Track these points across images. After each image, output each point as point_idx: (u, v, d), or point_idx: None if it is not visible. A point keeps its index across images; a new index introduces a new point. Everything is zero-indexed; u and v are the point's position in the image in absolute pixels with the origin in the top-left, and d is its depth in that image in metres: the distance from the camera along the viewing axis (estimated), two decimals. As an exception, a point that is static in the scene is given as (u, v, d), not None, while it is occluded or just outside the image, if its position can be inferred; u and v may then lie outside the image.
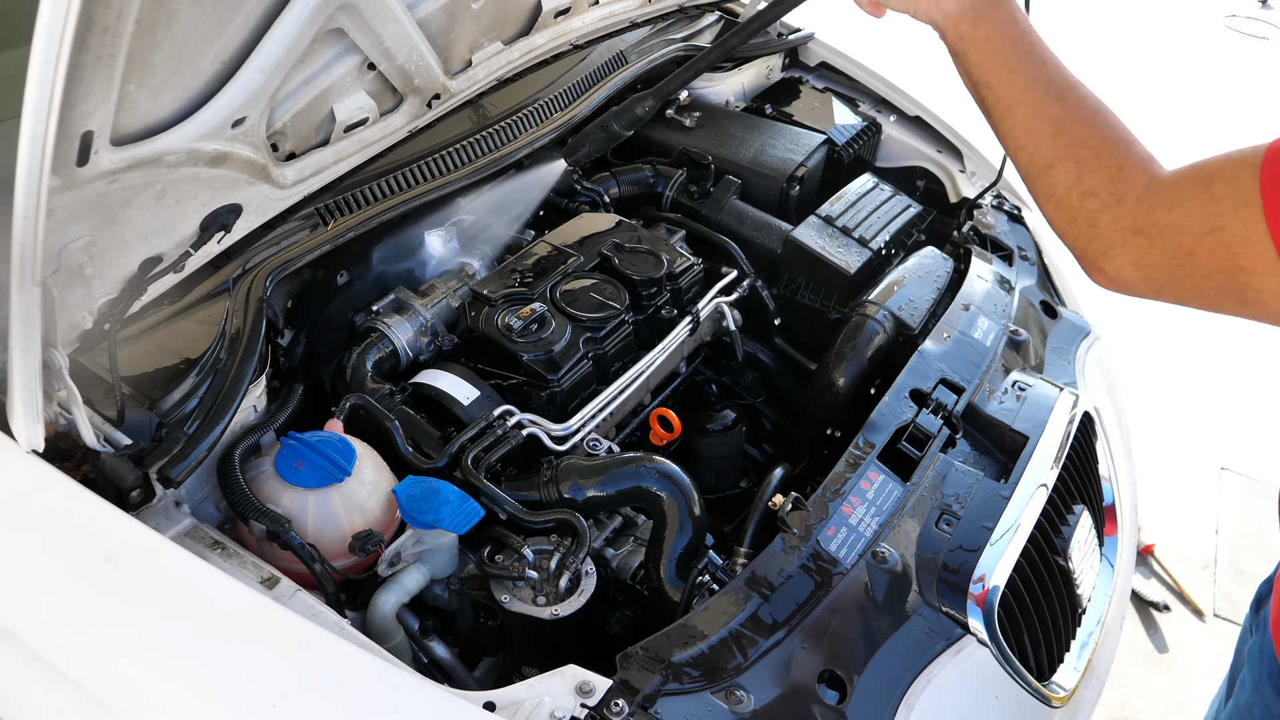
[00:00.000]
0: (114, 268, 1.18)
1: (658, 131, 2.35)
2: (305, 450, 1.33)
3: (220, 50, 1.13)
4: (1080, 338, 1.95)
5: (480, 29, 1.66)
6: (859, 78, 2.61)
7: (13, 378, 1.04)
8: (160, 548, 1.13)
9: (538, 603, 1.28)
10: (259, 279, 1.48)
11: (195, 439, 1.26)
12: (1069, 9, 7.24)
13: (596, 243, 1.85)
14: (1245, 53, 7.24)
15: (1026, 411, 1.59)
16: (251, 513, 1.25)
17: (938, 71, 1.33)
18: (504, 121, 1.98)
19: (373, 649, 1.09)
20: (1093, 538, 1.59)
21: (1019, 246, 2.13)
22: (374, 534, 1.30)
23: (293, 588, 1.17)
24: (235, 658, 1.03)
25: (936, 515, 1.41)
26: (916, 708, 1.20)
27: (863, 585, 1.30)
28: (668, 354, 1.75)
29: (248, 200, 1.35)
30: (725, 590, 1.25)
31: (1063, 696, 1.38)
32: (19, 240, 0.94)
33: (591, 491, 1.43)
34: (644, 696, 1.06)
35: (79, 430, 1.15)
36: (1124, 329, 3.80)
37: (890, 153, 2.52)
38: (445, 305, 1.77)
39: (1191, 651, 2.63)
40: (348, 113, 1.46)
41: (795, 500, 1.35)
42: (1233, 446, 3.38)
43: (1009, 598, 1.35)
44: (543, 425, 1.52)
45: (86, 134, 0.95)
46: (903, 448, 1.50)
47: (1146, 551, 2.85)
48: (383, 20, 1.37)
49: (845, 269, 1.96)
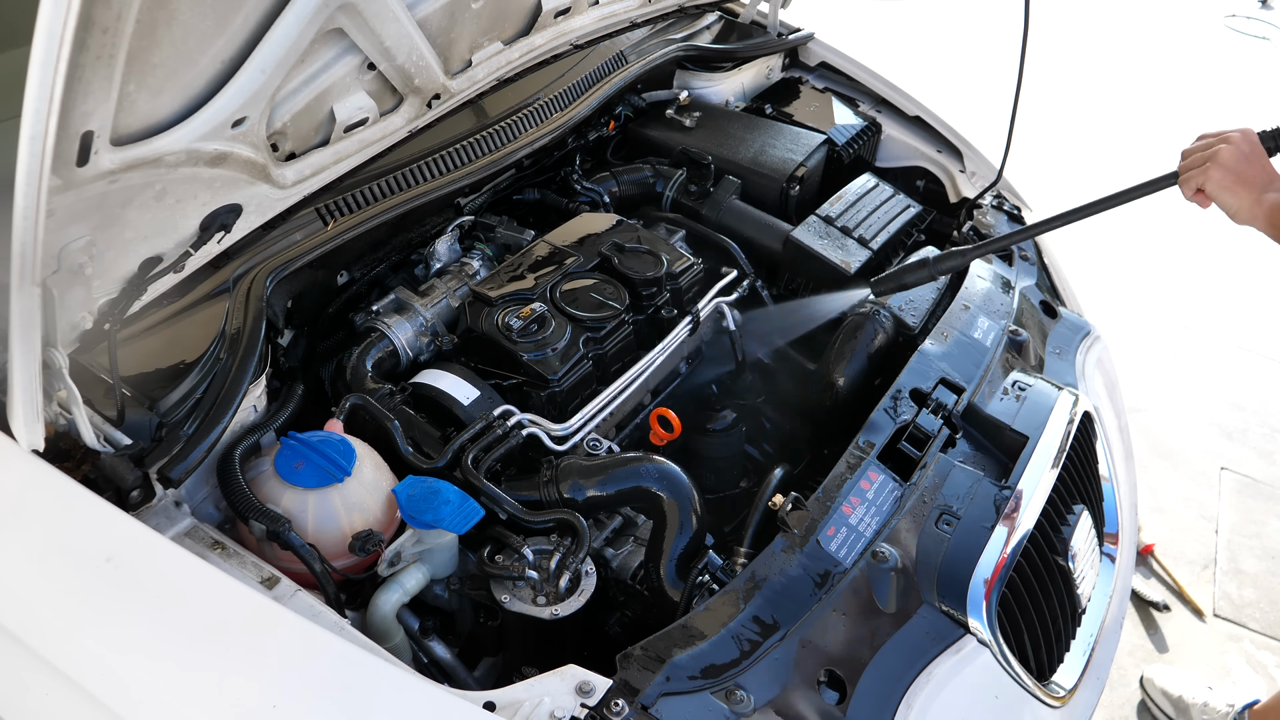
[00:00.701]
0: (114, 268, 1.18)
1: (658, 131, 2.35)
2: (305, 450, 1.33)
3: (220, 50, 1.13)
4: (1080, 338, 1.95)
5: (480, 29, 1.66)
6: (859, 78, 2.61)
7: (13, 378, 1.04)
8: (160, 548, 1.13)
9: (538, 603, 1.28)
10: (259, 279, 1.48)
11: (195, 439, 1.26)
12: (1069, 9, 7.24)
13: (596, 243, 1.85)
14: (1245, 53, 7.24)
15: (1026, 411, 1.59)
16: (251, 513, 1.25)
17: (938, 72, 1.33)
18: (504, 121, 1.98)
19: (373, 649, 1.09)
20: (1093, 538, 1.59)
21: (1019, 246, 2.13)
22: (374, 534, 1.30)
23: (293, 588, 1.17)
24: (235, 658, 1.03)
25: (936, 515, 1.41)
26: (916, 708, 1.20)
27: (863, 585, 1.30)
28: (668, 354, 1.75)
29: (248, 200, 1.35)
30: (725, 590, 1.25)
31: (1063, 696, 1.38)
32: (19, 240, 0.94)
33: (591, 491, 1.43)
34: (644, 696, 1.06)
35: (79, 430, 1.15)
36: (1124, 329, 3.81)
37: (890, 153, 2.52)
38: (445, 305, 1.77)
39: (1191, 651, 2.63)
40: (348, 113, 1.46)
41: (795, 500, 1.35)
42: (1233, 446, 3.38)
43: (1009, 598, 1.35)
44: (543, 425, 1.52)
45: (86, 134, 0.95)
46: (903, 448, 1.50)
47: (1146, 551, 2.85)
48: (383, 20, 1.37)
49: (845, 269, 1.96)
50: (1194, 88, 6.46)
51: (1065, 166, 4.99)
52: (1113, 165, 5.19)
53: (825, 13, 2.43)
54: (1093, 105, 6.02)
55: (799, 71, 2.73)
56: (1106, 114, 5.92)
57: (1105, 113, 5.94)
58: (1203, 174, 1.30)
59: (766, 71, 2.72)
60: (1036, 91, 3.40)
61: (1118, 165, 5.20)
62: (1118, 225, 4.52)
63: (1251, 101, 6.35)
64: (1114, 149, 5.43)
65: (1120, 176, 1.66)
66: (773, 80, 2.74)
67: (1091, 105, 6.01)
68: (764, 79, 2.73)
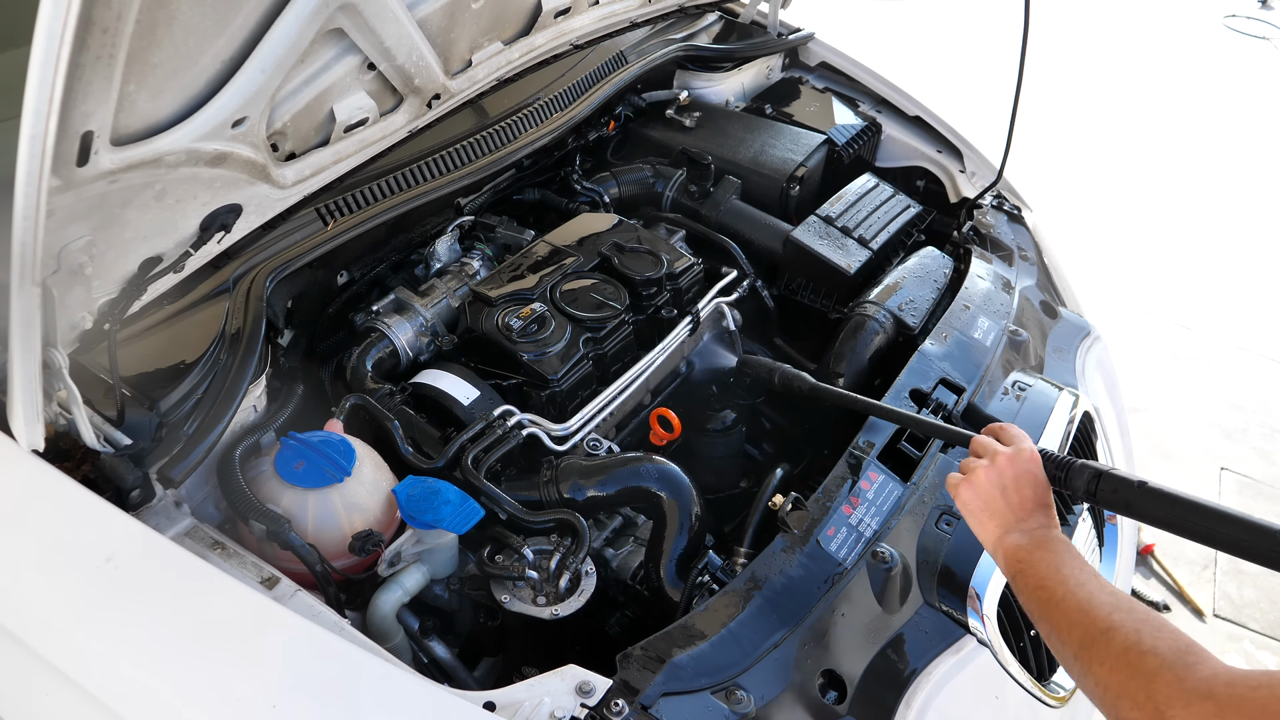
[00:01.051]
0: (114, 268, 1.18)
1: (658, 131, 2.35)
2: (305, 450, 1.33)
3: (220, 50, 1.13)
4: (1080, 338, 1.95)
5: (480, 29, 1.66)
6: (859, 78, 2.61)
7: (13, 378, 1.04)
8: (160, 547, 1.13)
9: (538, 603, 1.28)
10: (259, 279, 1.48)
11: (195, 439, 1.26)
12: (1069, 9, 7.24)
13: (596, 243, 1.85)
14: (1245, 53, 7.24)
15: (1026, 411, 1.59)
16: (251, 513, 1.25)
17: (938, 72, 1.33)
18: (504, 121, 1.98)
19: (373, 649, 1.09)
20: (1093, 538, 1.59)
21: (1019, 246, 2.13)
22: (374, 534, 1.30)
23: (293, 588, 1.17)
24: (235, 658, 1.03)
25: (936, 515, 1.41)
26: (916, 708, 1.20)
27: (863, 585, 1.30)
28: (668, 354, 1.75)
29: (248, 200, 1.35)
30: (725, 590, 1.25)
31: (1062, 696, 1.38)
32: (19, 240, 0.94)
33: (591, 491, 1.43)
34: (644, 696, 1.06)
35: (79, 430, 1.15)
36: (1124, 329, 3.81)
37: (890, 153, 2.52)
38: (445, 305, 1.77)
39: (1191, 651, 2.63)
40: (348, 113, 1.46)
41: (795, 500, 1.35)
42: (1233, 446, 3.38)
43: (1009, 598, 1.35)
44: (543, 425, 1.52)
45: (86, 134, 0.95)
46: (903, 448, 1.50)
47: (1146, 551, 2.85)
48: (383, 20, 1.37)
49: (845, 269, 1.96)
50: (1194, 88, 6.46)
51: (1065, 166, 5.00)
52: (1113, 165, 5.19)
53: (825, 13, 2.43)
54: (1093, 105, 6.02)
55: (799, 71, 2.73)
56: (1107, 114, 5.92)
57: (1105, 113, 5.94)
58: (955, 488, 1.15)
59: (766, 71, 2.72)
60: (1036, 91, 3.40)
61: (1118, 165, 5.20)
62: (1118, 225, 4.53)
63: (1251, 101, 6.35)
64: (1114, 149, 5.43)
65: (1120, 176, 1.66)
66: (773, 80, 2.74)
67: (1091, 105, 6.02)
68: (764, 79, 2.73)
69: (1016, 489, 1.10)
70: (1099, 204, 4.72)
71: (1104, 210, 4.65)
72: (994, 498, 1.10)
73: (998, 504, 1.09)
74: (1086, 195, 4.78)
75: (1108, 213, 4.61)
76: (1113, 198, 4.83)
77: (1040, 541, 1.04)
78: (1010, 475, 1.10)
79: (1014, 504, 1.09)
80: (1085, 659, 0.89)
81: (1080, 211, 4.52)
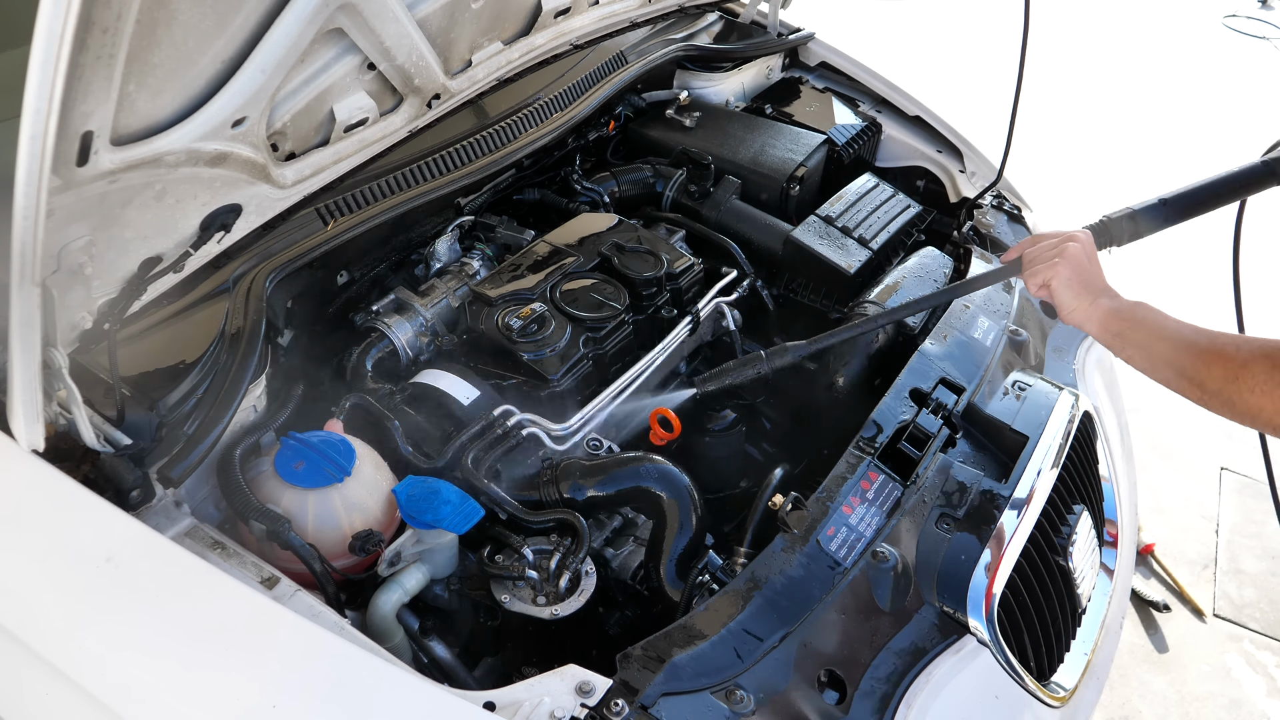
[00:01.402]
0: (114, 268, 1.18)
1: (658, 131, 2.35)
2: (305, 450, 1.33)
3: (220, 50, 1.13)
4: (1080, 338, 1.95)
5: (480, 29, 1.66)
6: (859, 78, 2.61)
7: (13, 378, 1.04)
8: (160, 547, 1.13)
9: (538, 603, 1.28)
10: (259, 279, 1.48)
11: (195, 439, 1.26)
12: (1069, 9, 7.24)
13: (596, 243, 1.85)
14: (1245, 53, 7.24)
15: (1026, 411, 1.59)
16: (251, 513, 1.25)
17: (938, 72, 1.33)
18: (504, 121, 1.98)
19: (373, 649, 1.09)
20: (1093, 538, 1.59)
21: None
22: (374, 534, 1.30)
23: (293, 588, 1.17)
24: (235, 658, 1.03)
25: (936, 515, 1.41)
26: (916, 708, 1.20)
27: (863, 585, 1.30)
28: (668, 354, 1.75)
29: (248, 200, 1.35)
30: (725, 590, 1.25)
31: (1063, 696, 1.38)
32: (19, 240, 0.94)
33: (591, 491, 1.43)
34: (644, 696, 1.06)
35: (79, 430, 1.15)
36: (1124, 329, 3.80)
37: (890, 153, 2.52)
38: (445, 305, 1.77)
39: (1191, 651, 2.63)
40: (348, 113, 1.46)
41: (795, 500, 1.35)
42: (1233, 446, 3.37)
43: (1009, 598, 1.35)
44: (543, 425, 1.52)
45: (86, 134, 0.95)
46: (903, 448, 1.50)
47: (1146, 551, 2.85)
48: (383, 20, 1.37)
49: (845, 269, 1.96)
50: (1194, 88, 6.46)
51: (1065, 166, 4.99)
52: (1113, 165, 5.19)
53: (825, 13, 2.43)
54: (1093, 105, 6.02)
55: (799, 71, 2.73)
56: (1107, 114, 5.92)
57: (1105, 113, 5.94)
58: (1051, 269, 1.27)
59: (766, 71, 2.72)
60: (1037, 91, 3.40)
61: (1118, 165, 5.20)
62: (1118, 225, 4.52)
63: (1251, 102, 6.35)
64: (1114, 149, 5.43)
65: (1120, 176, 1.66)
66: (773, 80, 2.74)
67: (1092, 105, 6.01)
68: (764, 79, 2.73)
69: (1093, 261, 1.27)
70: (1099, 204, 4.71)
71: (1104, 210, 4.64)
72: (1085, 268, 1.25)
73: (1089, 274, 1.25)
74: (1086, 195, 4.78)
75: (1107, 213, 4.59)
76: (1113, 198, 4.82)
77: (1131, 303, 1.20)
78: (1091, 250, 1.28)
79: (1098, 273, 1.26)
80: (1232, 390, 1.02)
81: (1080, 211, 4.50)
